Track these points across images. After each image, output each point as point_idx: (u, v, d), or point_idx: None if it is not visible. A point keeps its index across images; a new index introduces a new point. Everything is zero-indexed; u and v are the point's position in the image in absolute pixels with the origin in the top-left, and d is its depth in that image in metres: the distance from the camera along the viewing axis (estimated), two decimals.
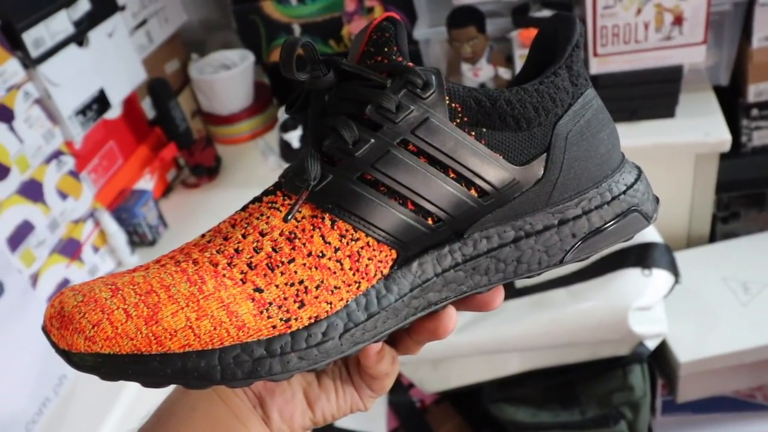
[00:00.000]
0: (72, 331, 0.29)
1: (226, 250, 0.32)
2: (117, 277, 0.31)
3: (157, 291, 0.30)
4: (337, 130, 0.32)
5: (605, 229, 0.36)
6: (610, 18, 0.97)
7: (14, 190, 0.86)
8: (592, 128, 0.35)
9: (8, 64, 0.85)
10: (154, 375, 0.30)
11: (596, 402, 1.03)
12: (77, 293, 0.30)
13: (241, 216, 0.33)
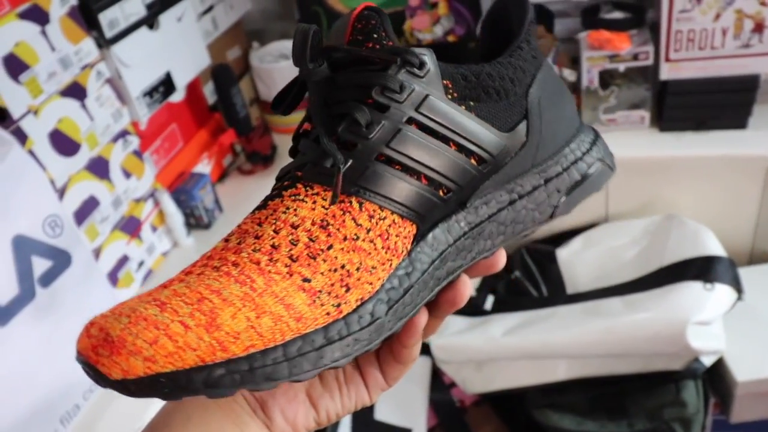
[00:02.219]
0: (126, 354, 0.27)
1: (263, 247, 0.31)
2: (155, 294, 0.30)
3: (208, 297, 0.29)
4: (351, 114, 0.33)
5: (584, 181, 0.40)
6: (686, 22, 0.94)
7: (83, 166, 0.88)
8: (556, 94, 0.39)
9: (84, 43, 0.87)
10: (221, 385, 0.28)
11: (645, 415, 1.01)
12: (119, 316, 0.28)
13: (265, 213, 0.33)
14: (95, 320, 0.29)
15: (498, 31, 0.40)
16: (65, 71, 0.84)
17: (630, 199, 1.15)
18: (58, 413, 0.77)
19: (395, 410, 1.23)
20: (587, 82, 1.06)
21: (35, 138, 0.80)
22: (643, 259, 1.08)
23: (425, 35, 1.27)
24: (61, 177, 0.84)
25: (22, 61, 0.78)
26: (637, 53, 1.01)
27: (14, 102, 0.77)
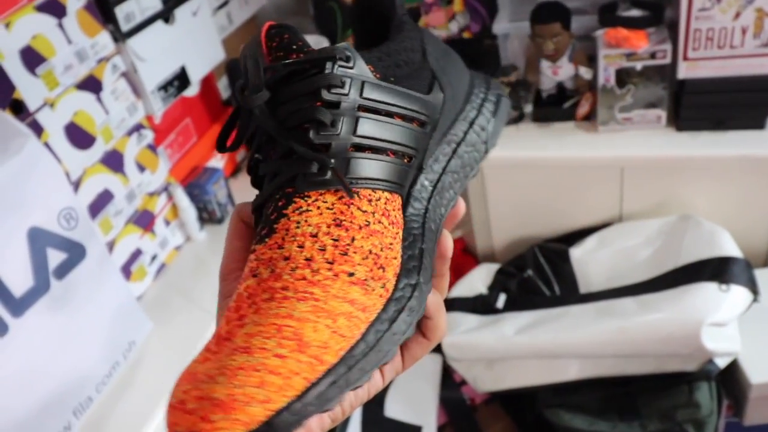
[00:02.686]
0: (242, 406, 0.27)
1: (299, 264, 0.32)
2: (225, 344, 0.30)
3: (284, 324, 0.30)
4: (315, 119, 0.34)
5: (496, 113, 0.44)
6: (706, 21, 0.93)
7: (98, 159, 0.88)
8: (445, 52, 0.43)
9: (100, 36, 0.87)
10: (332, 396, 0.29)
11: (658, 416, 1.00)
12: (211, 378, 0.28)
13: (279, 236, 0.33)
14: (183, 396, 0.28)
15: (371, 18, 0.44)
16: (81, 64, 0.84)
17: (645, 199, 1.14)
18: (71, 405, 0.77)
19: (405, 408, 1.23)
20: (603, 80, 1.05)
21: (51, 131, 0.80)
22: (658, 260, 1.07)
23: (440, 31, 1.26)
24: (76, 170, 0.84)
25: (39, 53, 0.78)
26: (654, 52, 1.00)
27: (30, 94, 0.77)
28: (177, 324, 0.92)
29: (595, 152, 1.09)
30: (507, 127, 1.19)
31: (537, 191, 1.19)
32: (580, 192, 1.17)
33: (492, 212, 1.26)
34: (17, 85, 0.76)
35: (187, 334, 0.88)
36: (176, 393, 0.29)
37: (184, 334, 0.89)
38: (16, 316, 0.70)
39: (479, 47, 1.28)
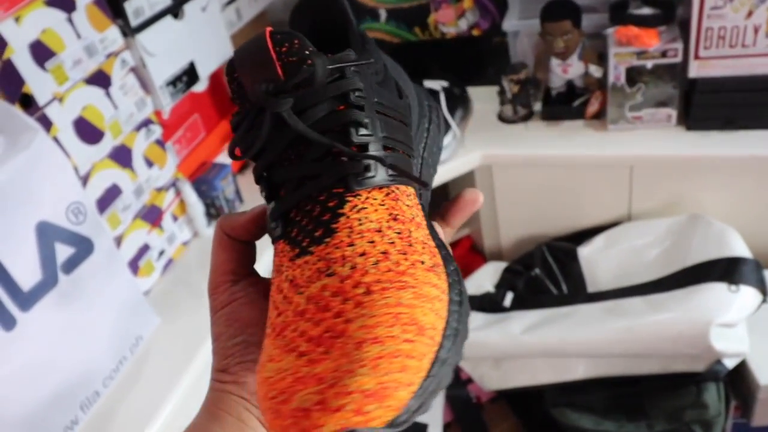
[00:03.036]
0: (392, 392, 0.27)
1: (378, 257, 0.32)
2: (336, 341, 0.29)
3: (398, 312, 0.30)
4: (354, 121, 0.35)
5: (440, 119, 0.48)
6: (718, 20, 0.92)
7: (106, 154, 0.88)
8: (395, 65, 0.45)
9: (109, 31, 0.87)
10: (445, 374, 0.30)
11: (665, 417, 1.00)
12: (347, 373, 0.28)
13: (344, 234, 0.33)
14: (317, 398, 0.28)
15: (323, 26, 0.44)
16: (90, 59, 0.84)
17: (654, 198, 1.14)
18: (78, 399, 0.77)
19: None
20: (614, 78, 1.05)
21: (60, 125, 0.80)
22: (667, 259, 1.07)
23: (449, 29, 1.26)
24: (84, 164, 0.84)
25: (49, 48, 0.78)
26: (665, 50, 1.00)
27: (40, 89, 0.78)
28: (184, 319, 0.92)
29: (605, 151, 1.09)
30: (516, 125, 1.18)
31: (545, 190, 1.19)
32: (589, 191, 1.16)
33: (500, 210, 1.26)
34: (26, 79, 0.76)
35: (194, 330, 0.88)
36: (298, 398, 0.28)
37: (190, 329, 0.89)
38: (24, 310, 0.70)
39: (488, 45, 1.27)
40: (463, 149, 1.15)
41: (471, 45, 1.28)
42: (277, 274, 0.34)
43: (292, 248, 0.33)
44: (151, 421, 0.79)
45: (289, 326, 0.30)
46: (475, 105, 1.25)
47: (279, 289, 0.33)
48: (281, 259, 0.34)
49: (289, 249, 0.33)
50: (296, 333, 0.30)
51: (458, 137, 1.14)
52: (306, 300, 0.31)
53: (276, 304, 0.32)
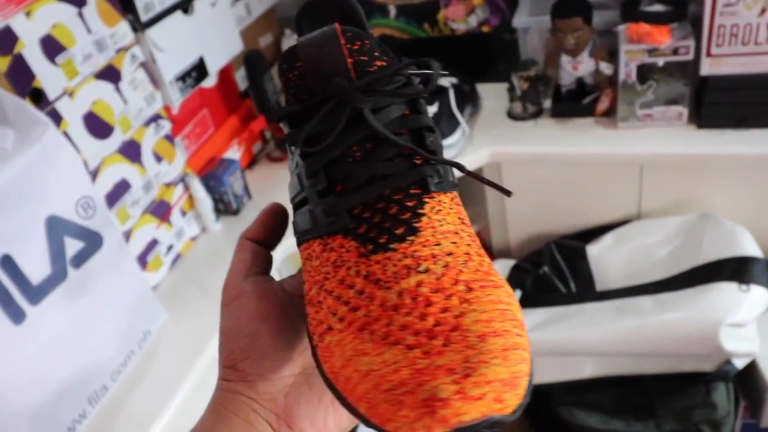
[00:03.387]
0: (520, 381, 0.28)
1: (464, 258, 0.33)
2: (453, 334, 0.29)
3: (502, 309, 0.31)
4: (426, 126, 0.35)
5: None
6: (730, 17, 0.92)
7: (115, 149, 0.88)
8: None
9: (119, 26, 0.87)
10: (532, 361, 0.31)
11: (674, 416, 0.99)
12: (481, 363, 0.28)
13: (429, 233, 0.33)
14: (456, 387, 0.27)
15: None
16: (100, 54, 0.84)
17: (664, 197, 1.13)
18: (87, 393, 0.77)
19: None
20: (624, 75, 1.04)
21: (70, 120, 0.81)
22: (676, 258, 1.06)
23: (459, 25, 1.26)
24: (94, 159, 0.85)
25: (59, 42, 0.78)
26: (677, 47, 0.99)
27: (50, 83, 0.78)
28: (192, 314, 0.92)
29: (615, 149, 1.08)
30: (525, 123, 1.18)
31: (554, 187, 1.18)
32: (599, 189, 1.16)
33: (508, 208, 1.25)
34: (37, 74, 0.76)
35: (202, 324, 0.89)
36: (429, 389, 0.27)
37: (198, 324, 0.90)
38: (34, 304, 0.70)
39: (498, 41, 1.27)
40: (471, 146, 1.15)
41: (481, 42, 1.27)
42: (332, 268, 0.33)
43: (362, 244, 0.33)
44: (159, 415, 0.79)
45: (378, 320, 0.30)
46: (484, 102, 1.25)
47: (346, 283, 0.32)
48: (342, 254, 0.33)
49: (357, 245, 0.33)
50: (395, 327, 0.30)
51: (467, 134, 1.14)
52: (397, 295, 0.31)
53: (346, 299, 0.32)
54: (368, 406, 0.29)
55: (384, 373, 0.28)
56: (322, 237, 0.34)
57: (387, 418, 0.28)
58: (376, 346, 0.29)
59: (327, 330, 0.32)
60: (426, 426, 0.27)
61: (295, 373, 0.37)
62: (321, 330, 0.32)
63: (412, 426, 0.27)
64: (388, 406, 0.28)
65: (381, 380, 0.28)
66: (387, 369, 0.28)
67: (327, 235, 0.34)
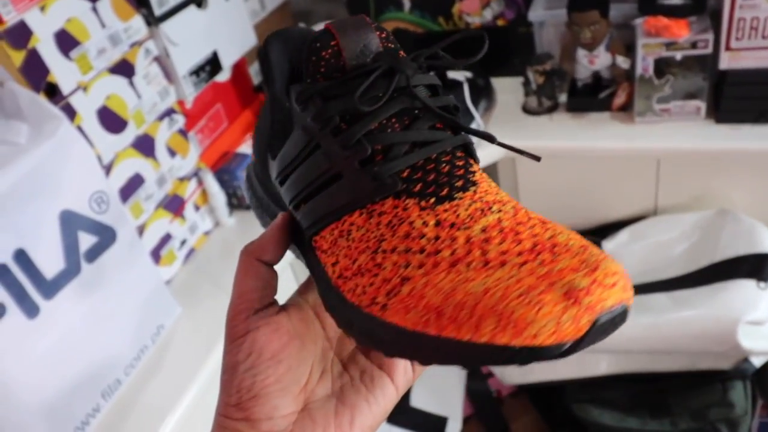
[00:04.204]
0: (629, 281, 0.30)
1: (515, 207, 0.34)
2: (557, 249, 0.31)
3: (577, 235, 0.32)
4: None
5: None
6: (750, 10, 0.90)
7: (129, 143, 0.88)
8: None
9: (134, 20, 0.87)
10: None
11: (690, 414, 0.98)
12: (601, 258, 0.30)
13: (485, 185, 0.35)
14: (614, 279, 0.29)
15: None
16: (114, 48, 0.84)
17: (681, 192, 1.12)
18: (100, 387, 0.78)
19: (431, 398, 1.23)
20: (641, 70, 1.03)
21: (84, 114, 0.81)
22: (693, 255, 1.05)
23: (474, 19, 1.24)
24: (107, 153, 0.85)
25: (73, 37, 0.78)
26: (695, 41, 0.97)
27: (64, 78, 0.78)
28: (205, 308, 0.93)
29: (631, 144, 1.07)
30: (541, 117, 1.17)
31: (570, 182, 1.17)
32: (615, 184, 1.14)
33: (523, 203, 1.24)
34: (51, 68, 0.76)
35: (215, 319, 0.88)
36: (565, 283, 0.28)
37: (212, 318, 0.90)
38: (48, 298, 0.70)
39: (514, 35, 1.25)
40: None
41: (496, 35, 1.26)
42: (388, 229, 0.33)
43: (422, 200, 0.33)
44: (173, 409, 0.79)
45: (470, 253, 0.31)
46: (499, 96, 1.24)
47: (413, 236, 0.32)
48: (398, 213, 0.33)
49: (416, 201, 0.33)
50: (493, 254, 0.30)
51: (481, 128, 1.13)
52: (481, 231, 0.32)
53: (418, 248, 0.32)
54: (498, 319, 0.28)
55: (507, 285, 0.28)
56: (365, 206, 0.34)
57: (526, 322, 0.27)
58: (479, 272, 0.30)
59: (401, 282, 0.31)
60: (573, 317, 0.27)
61: (298, 410, 0.37)
62: (389, 287, 0.32)
63: (558, 321, 0.27)
64: (525, 309, 0.27)
65: (507, 291, 0.28)
66: (507, 282, 0.29)
67: (373, 202, 0.34)
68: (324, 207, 0.36)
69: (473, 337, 0.28)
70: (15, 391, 0.68)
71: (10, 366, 0.67)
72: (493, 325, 0.28)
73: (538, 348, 0.27)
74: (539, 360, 0.28)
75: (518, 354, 0.27)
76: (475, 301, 0.28)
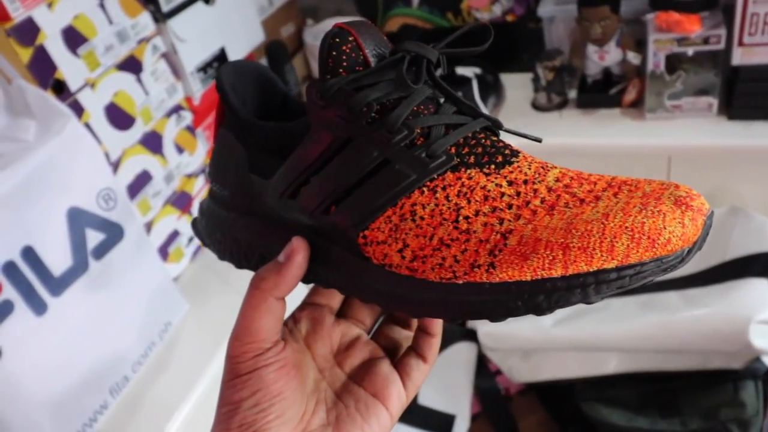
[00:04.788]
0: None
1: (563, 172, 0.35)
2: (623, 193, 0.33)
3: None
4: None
5: None
6: (764, 5, 0.89)
7: (137, 140, 0.88)
8: None
9: (141, 17, 0.87)
10: None
11: (700, 414, 0.97)
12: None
13: (525, 154, 0.36)
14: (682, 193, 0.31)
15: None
16: (122, 45, 0.84)
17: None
18: (108, 384, 0.78)
19: (439, 396, 1.22)
20: (653, 66, 1.01)
21: (91, 111, 0.81)
22: (704, 253, 1.03)
23: (483, 14, 1.24)
24: (115, 150, 0.85)
25: (81, 33, 0.78)
26: (708, 36, 0.96)
27: (72, 75, 0.78)
28: (212, 305, 0.92)
29: (642, 140, 1.06)
30: (550, 113, 1.16)
31: None
32: None
33: None
34: (59, 65, 0.76)
35: (223, 316, 0.88)
36: (674, 192, 0.31)
37: (219, 315, 0.90)
38: (55, 295, 0.70)
39: (523, 31, 1.25)
40: None
41: (505, 31, 1.25)
42: (462, 198, 0.34)
43: (483, 167, 0.35)
44: (180, 406, 0.79)
45: (560, 197, 0.33)
46: (508, 92, 1.23)
47: (492, 196, 0.34)
48: (465, 182, 0.34)
49: (478, 170, 0.34)
50: (582, 193, 0.33)
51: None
52: (555, 180, 0.34)
53: (504, 205, 0.33)
54: (631, 235, 0.30)
55: (621, 207, 0.31)
56: (423, 185, 0.35)
57: (658, 231, 0.30)
58: (582, 207, 0.32)
59: (503, 237, 0.32)
60: (692, 219, 0.30)
61: None
62: (489, 246, 0.32)
63: (682, 224, 0.30)
64: (653, 219, 0.30)
65: (626, 210, 0.31)
66: (617, 207, 0.31)
67: (431, 179, 0.34)
68: (374, 196, 0.35)
69: (605, 262, 0.30)
70: (23, 388, 0.68)
71: (19, 363, 0.67)
72: (627, 241, 0.30)
73: (666, 257, 0.30)
74: (667, 271, 0.30)
75: (647, 270, 0.30)
76: (602, 225, 0.30)
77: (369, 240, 0.35)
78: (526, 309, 0.31)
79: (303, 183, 0.38)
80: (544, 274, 0.30)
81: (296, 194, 0.38)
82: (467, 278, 0.32)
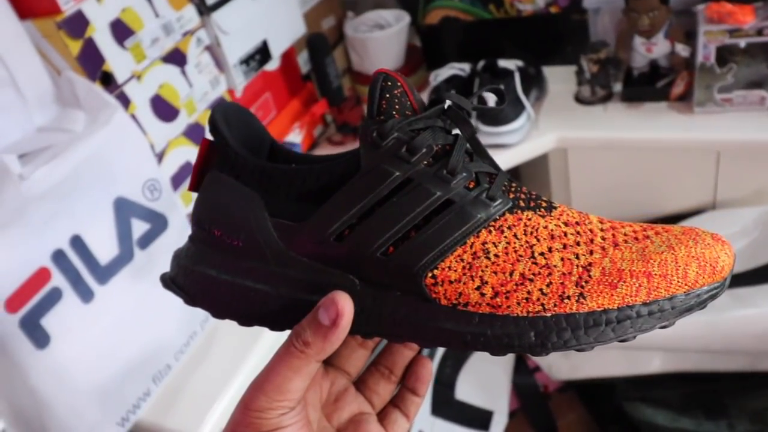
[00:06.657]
0: None
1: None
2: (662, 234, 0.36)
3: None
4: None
5: None
6: None
7: (181, 132, 0.89)
8: None
9: (186, 9, 0.87)
10: None
11: (748, 417, 0.95)
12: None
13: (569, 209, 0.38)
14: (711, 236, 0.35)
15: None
16: (167, 37, 0.85)
17: (742, 186, 1.07)
18: (151, 372, 0.79)
19: (477, 391, 1.22)
20: (702, 58, 0.99)
21: (137, 103, 0.82)
22: (754, 251, 1.00)
23: (526, 6, 1.22)
24: (160, 142, 0.86)
25: (128, 26, 0.79)
26: (761, 28, 0.93)
27: (119, 67, 0.79)
28: None
29: (690, 134, 1.03)
30: (594, 107, 1.13)
31: (623, 174, 1.14)
32: (671, 177, 1.11)
33: (574, 194, 1.21)
34: (107, 57, 0.77)
35: None
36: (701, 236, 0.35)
37: None
38: (102, 283, 0.72)
39: (567, 22, 1.22)
40: (536, 131, 1.11)
41: (548, 23, 1.23)
42: (530, 237, 0.35)
43: (536, 210, 0.37)
44: (221, 395, 0.80)
45: (615, 235, 0.36)
46: (550, 85, 1.21)
47: (558, 234, 0.36)
48: (527, 222, 0.36)
49: (532, 213, 0.36)
50: (630, 234, 0.36)
51: (532, 119, 1.11)
52: (599, 222, 0.37)
53: (572, 242, 0.35)
54: (698, 263, 0.34)
55: (676, 242, 0.34)
56: (487, 225, 0.36)
57: (716, 258, 0.34)
58: (641, 242, 0.35)
59: (585, 270, 0.34)
60: (729, 251, 0.35)
61: None
62: (575, 278, 0.34)
63: (727, 253, 0.34)
64: (709, 250, 0.34)
65: (684, 243, 0.34)
66: (672, 242, 0.35)
67: (494, 220, 0.36)
68: (443, 236, 0.35)
69: (680, 287, 0.33)
70: (69, 375, 0.69)
71: (66, 350, 0.69)
72: (697, 268, 0.33)
73: (722, 282, 0.34)
74: (717, 296, 0.34)
75: (707, 294, 0.33)
76: (673, 255, 0.33)
77: (439, 280, 0.35)
78: (616, 336, 0.33)
79: (358, 221, 0.36)
80: (629, 300, 0.33)
81: (342, 236, 0.36)
82: (556, 310, 0.33)
